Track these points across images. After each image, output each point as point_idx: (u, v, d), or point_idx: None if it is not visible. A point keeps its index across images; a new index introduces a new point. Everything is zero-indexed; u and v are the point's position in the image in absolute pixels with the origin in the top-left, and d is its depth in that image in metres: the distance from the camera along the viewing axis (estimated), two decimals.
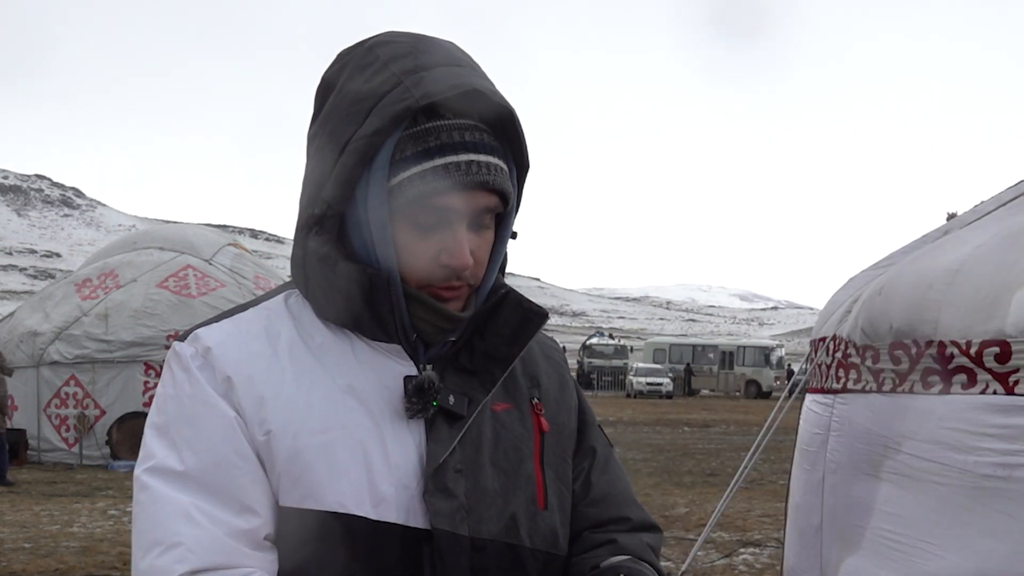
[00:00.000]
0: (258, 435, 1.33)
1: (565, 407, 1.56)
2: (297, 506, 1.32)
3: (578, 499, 1.54)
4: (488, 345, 1.44)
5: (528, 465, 1.45)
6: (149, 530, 1.29)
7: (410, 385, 1.36)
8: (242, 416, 1.33)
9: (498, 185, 1.37)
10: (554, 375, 1.57)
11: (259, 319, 1.42)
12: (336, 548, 1.31)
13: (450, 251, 1.35)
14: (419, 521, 1.34)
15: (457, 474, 1.37)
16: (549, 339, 1.64)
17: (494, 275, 1.46)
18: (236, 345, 1.37)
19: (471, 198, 1.35)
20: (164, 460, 1.32)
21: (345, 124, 1.36)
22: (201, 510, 1.28)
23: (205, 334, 1.38)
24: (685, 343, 48.33)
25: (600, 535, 1.52)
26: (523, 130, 1.42)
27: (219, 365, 1.34)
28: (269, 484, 1.33)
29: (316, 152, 1.40)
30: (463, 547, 1.35)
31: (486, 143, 1.37)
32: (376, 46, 1.40)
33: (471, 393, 1.41)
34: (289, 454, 1.32)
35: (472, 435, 1.40)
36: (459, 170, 1.33)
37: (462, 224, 1.36)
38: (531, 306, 1.46)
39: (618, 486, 1.59)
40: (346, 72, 1.40)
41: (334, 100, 1.39)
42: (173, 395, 1.36)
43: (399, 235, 1.36)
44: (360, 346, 1.39)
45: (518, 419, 1.47)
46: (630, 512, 1.56)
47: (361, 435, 1.34)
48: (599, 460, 1.58)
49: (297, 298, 1.44)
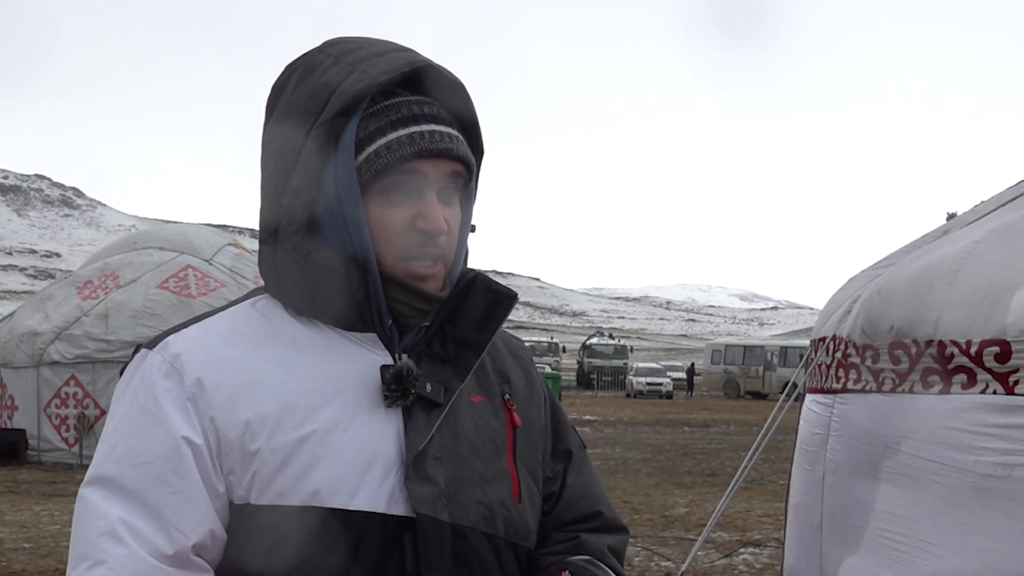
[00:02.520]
0: (231, 434, 1.33)
1: (535, 404, 1.58)
2: (273, 503, 1.32)
3: (554, 500, 1.57)
4: (459, 331, 1.46)
5: (503, 458, 1.47)
6: (79, 543, 1.31)
7: (388, 374, 1.38)
8: (211, 421, 1.33)
9: (461, 153, 1.41)
10: (522, 373, 1.59)
11: (228, 321, 1.43)
12: (315, 541, 1.32)
13: (424, 216, 1.38)
14: (400, 509, 1.35)
15: (437, 461, 1.38)
16: (515, 338, 1.66)
17: (461, 259, 1.47)
18: (205, 348, 1.37)
19: (437, 165, 1.39)
20: (103, 468, 1.33)
21: (305, 116, 1.38)
22: (129, 527, 1.29)
23: (174, 340, 1.39)
24: (736, 343, 48.23)
25: (565, 533, 1.55)
26: (475, 110, 1.46)
27: (188, 369, 1.35)
28: (211, 503, 1.32)
29: (276, 151, 1.41)
30: (445, 533, 1.36)
31: (443, 116, 1.42)
32: (325, 47, 1.44)
33: (446, 381, 1.43)
34: (266, 451, 1.32)
35: (449, 423, 1.42)
36: (423, 138, 1.37)
37: (431, 192, 1.39)
38: (500, 288, 1.49)
39: (592, 487, 1.62)
40: (297, 74, 1.43)
41: (289, 99, 1.42)
42: (127, 403, 1.37)
43: (372, 211, 1.38)
44: (334, 337, 1.41)
45: (492, 413, 1.50)
46: (601, 509, 1.60)
47: (338, 426, 1.35)
48: (574, 462, 1.62)
49: (266, 301, 1.45)
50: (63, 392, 15.75)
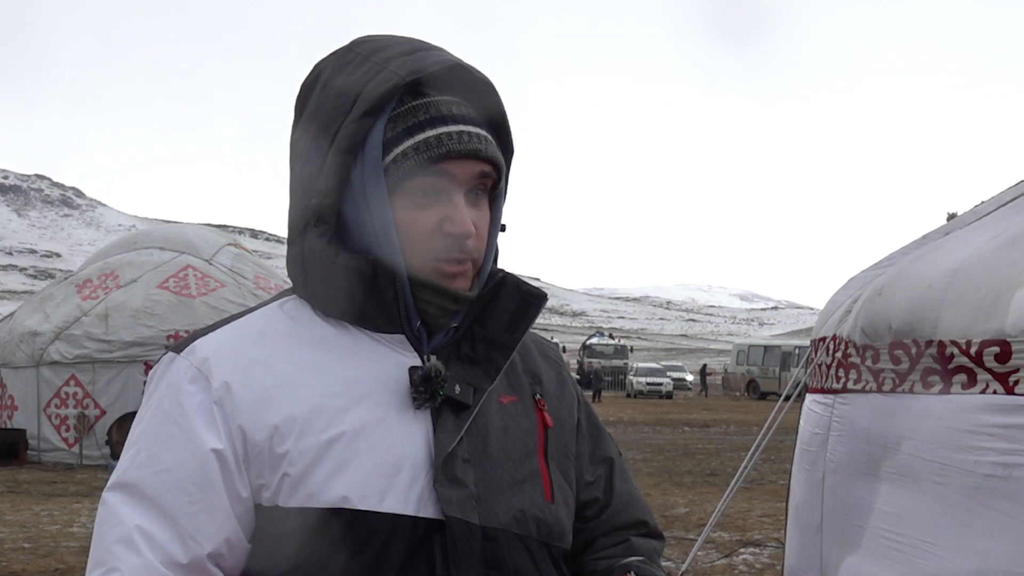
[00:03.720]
0: (259, 438, 1.32)
1: (566, 405, 1.56)
2: (302, 505, 1.32)
3: (602, 505, 1.56)
4: (489, 331, 1.44)
5: (534, 458, 1.46)
6: (97, 548, 1.32)
7: (416, 375, 1.37)
8: (239, 424, 1.33)
9: (490, 154, 1.39)
10: (553, 373, 1.58)
11: (255, 324, 1.42)
12: (344, 543, 1.31)
13: (451, 219, 1.36)
14: (429, 511, 1.34)
15: (466, 463, 1.37)
16: (547, 340, 1.65)
17: (491, 259, 1.46)
18: (232, 351, 1.37)
19: (465, 166, 1.37)
20: (126, 473, 1.33)
21: (333, 116, 1.37)
22: (145, 534, 1.29)
23: (201, 344, 1.38)
24: (757, 344, 48.33)
25: (614, 538, 1.54)
26: (505, 109, 1.45)
27: (216, 373, 1.34)
28: (231, 510, 1.32)
29: (303, 151, 1.41)
30: (475, 536, 1.35)
31: (472, 117, 1.40)
32: (354, 45, 1.43)
33: (475, 382, 1.42)
34: (294, 454, 1.32)
35: (479, 425, 1.41)
36: (451, 139, 1.36)
37: (459, 193, 1.37)
38: (529, 288, 1.47)
39: (636, 493, 1.62)
40: (326, 74, 1.42)
41: (317, 99, 1.41)
42: (153, 409, 1.37)
43: (399, 213, 1.36)
44: (362, 339, 1.40)
45: (523, 412, 1.48)
46: (648, 518, 1.60)
47: (366, 428, 1.34)
48: (618, 467, 1.61)
49: (294, 302, 1.44)
50: (63, 392, 15.75)
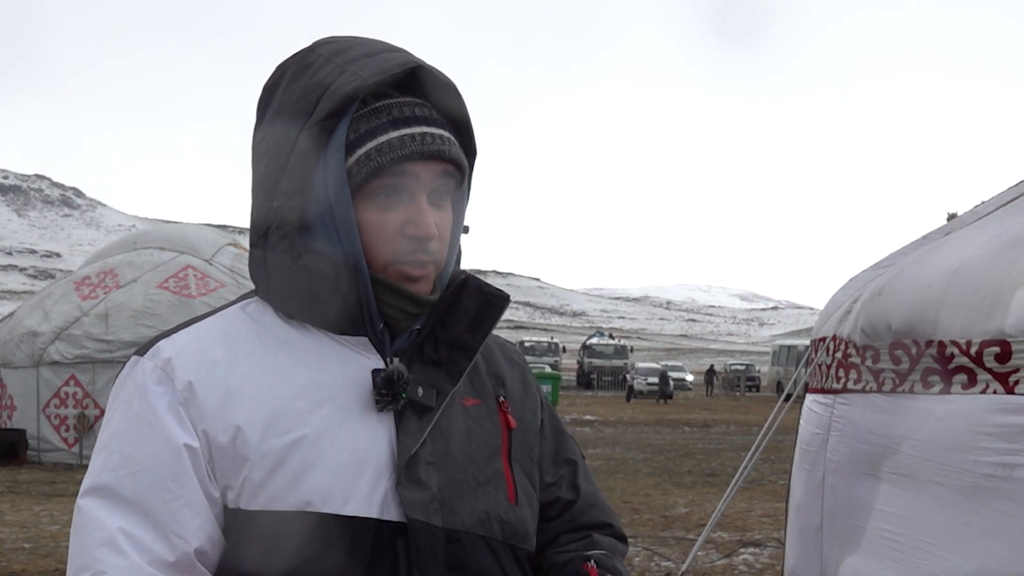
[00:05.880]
0: (222, 439, 1.32)
1: (530, 407, 1.57)
2: (265, 508, 1.31)
3: (565, 503, 1.57)
4: (451, 333, 1.45)
5: (498, 460, 1.46)
6: (78, 554, 1.30)
7: (379, 378, 1.37)
8: (202, 424, 1.33)
9: (453, 155, 1.40)
10: (516, 375, 1.59)
11: (218, 325, 1.42)
12: (307, 547, 1.31)
13: (414, 221, 1.37)
14: (392, 514, 1.34)
15: (429, 466, 1.38)
16: (509, 343, 1.66)
17: (452, 260, 1.47)
18: (195, 352, 1.37)
19: (428, 167, 1.38)
20: (100, 477, 1.32)
21: (295, 118, 1.38)
22: (128, 536, 1.28)
23: (164, 346, 1.38)
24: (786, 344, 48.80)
25: (577, 534, 1.56)
26: (468, 111, 1.45)
27: (179, 373, 1.34)
28: (209, 507, 1.32)
29: (265, 152, 1.41)
30: (438, 538, 1.35)
31: (435, 118, 1.41)
32: (317, 47, 1.43)
33: (439, 385, 1.42)
34: (256, 456, 1.32)
35: (442, 427, 1.41)
36: (414, 141, 1.37)
37: (422, 195, 1.38)
38: (491, 290, 1.48)
39: (599, 495, 1.63)
40: (288, 74, 1.42)
41: (280, 100, 1.41)
42: (122, 411, 1.36)
43: (362, 214, 1.37)
44: (325, 341, 1.40)
45: (487, 415, 1.49)
46: (612, 520, 1.61)
47: (329, 431, 1.34)
48: (582, 468, 1.62)
49: (256, 304, 1.45)
50: (63, 392, 15.75)
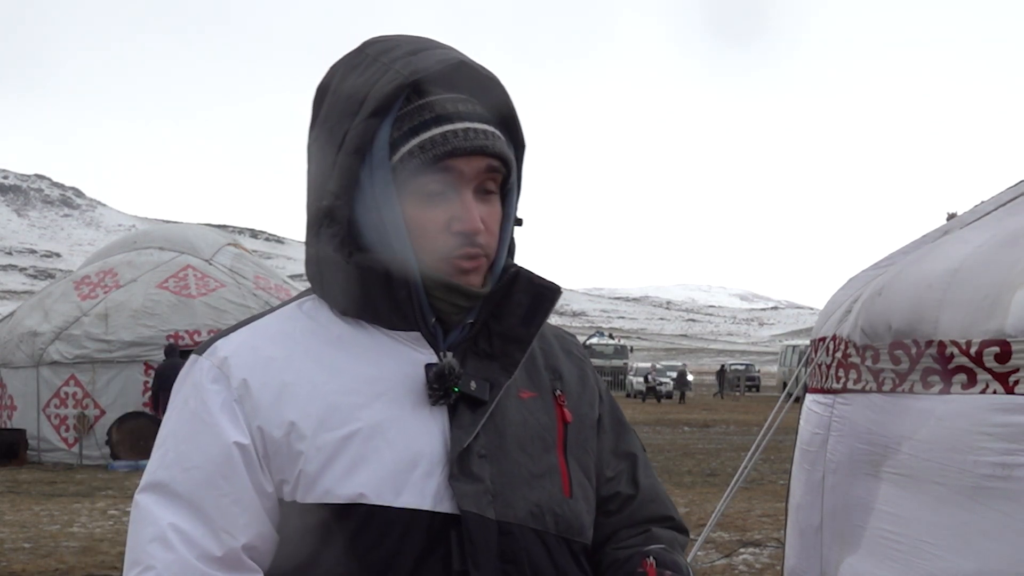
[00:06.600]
0: (277, 434, 1.35)
1: (587, 400, 1.57)
2: (318, 502, 1.34)
3: (625, 498, 1.57)
4: (504, 326, 1.46)
5: (552, 454, 1.47)
6: (132, 548, 1.35)
7: (431, 372, 1.38)
8: (257, 421, 1.35)
9: (497, 149, 1.40)
10: (574, 368, 1.59)
11: (275, 323, 1.45)
12: (360, 538, 1.33)
13: (459, 217, 1.38)
14: (445, 506, 1.35)
15: (482, 459, 1.39)
16: (569, 335, 1.66)
17: (504, 254, 1.47)
18: (252, 350, 1.40)
19: (472, 162, 1.38)
20: (155, 474, 1.37)
21: (342, 118, 1.40)
22: (178, 531, 1.32)
23: (222, 345, 1.41)
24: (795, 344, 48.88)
25: (636, 529, 1.56)
26: (514, 104, 1.45)
27: (235, 372, 1.37)
28: (260, 504, 1.35)
29: (317, 152, 1.43)
30: (491, 530, 1.36)
31: (479, 113, 1.41)
32: (365, 46, 1.45)
33: (492, 378, 1.43)
34: (310, 450, 1.34)
35: (496, 420, 1.42)
36: (457, 136, 1.37)
37: (468, 190, 1.39)
38: (543, 282, 1.48)
39: (660, 489, 1.63)
40: (338, 75, 1.44)
41: (329, 101, 1.44)
42: (178, 409, 1.40)
43: (408, 211, 1.38)
44: (379, 337, 1.42)
45: (543, 408, 1.49)
46: (673, 513, 1.62)
47: (382, 425, 1.36)
48: (641, 462, 1.62)
49: (312, 302, 1.47)
50: (63, 392, 15.76)
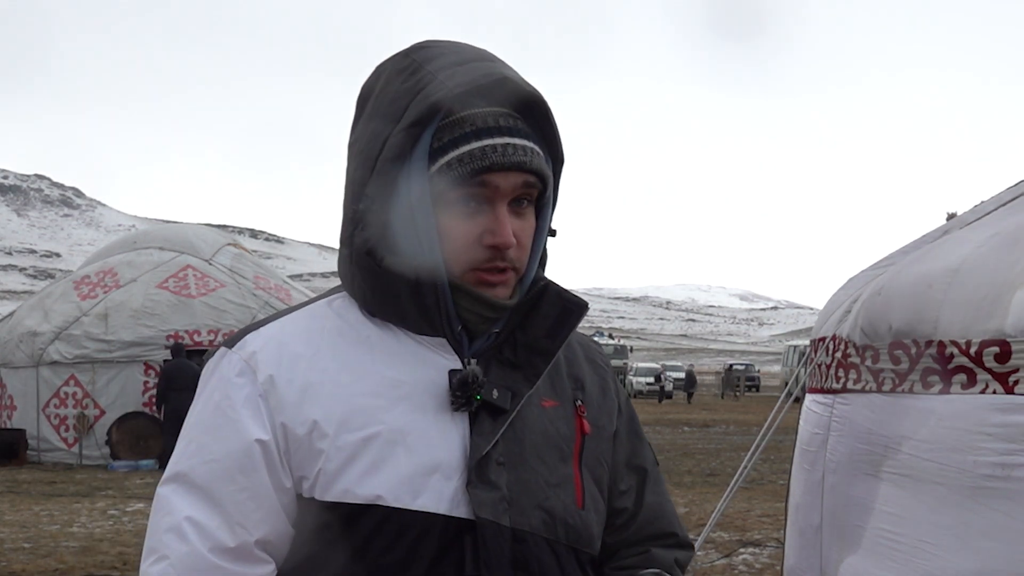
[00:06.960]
0: (300, 431, 1.36)
1: (606, 411, 1.58)
2: (336, 500, 1.35)
3: (630, 515, 1.58)
4: (530, 337, 1.47)
5: (568, 464, 1.48)
6: (150, 537, 1.38)
7: (455, 379, 1.40)
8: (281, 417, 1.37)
9: (535, 166, 1.42)
10: (597, 379, 1.60)
11: (303, 320, 1.47)
12: (375, 540, 1.35)
13: (492, 230, 1.39)
14: (461, 512, 1.37)
15: (500, 466, 1.40)
16: (594, 343, 1.67)
17: (535, 266, 1.49)
18: (279, 345, 1.41)
19: (509, 178, 1.40)
20: (177, 464, 1.39)
21: (385, 122, 1.41)
22: (193, 523, 1.34)
23: (251, 339, 1.43)
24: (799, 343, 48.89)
25: (637, 548, 1.57)
26: (555, 120, 1.46)
27: (262, 367, 1.39)
28: (276, 499, 1.37)
29: (357, 154, 1.45)
30: (505, 537, 1.38)
31: (520, 128, 1.42)
32: (412, 51, 1.46)
33: (515, 387, 1.45)
34: (331, 450, 1.36)
35: (516, 429, 1.44)
36: (495, 152, 1.38)
37: (503, 204, 1.40)
38: (571, 297, 1.50)
39: (667, 506, 1.65)
40: (383, 78, 1.46)
41: (373, 103, 1.45)
42: (204, 401, 1.42)
43: (442, 221, 1.40)
44: (405, 340, 1.43)
45: (563, 418, 1.51)
46: (677, 530, 1.63)
47: (404, 429, 1.37)
48: (650, 478, 1.64)
49: (343, 300, 1.49)
50: (62, 392, 15.76)
